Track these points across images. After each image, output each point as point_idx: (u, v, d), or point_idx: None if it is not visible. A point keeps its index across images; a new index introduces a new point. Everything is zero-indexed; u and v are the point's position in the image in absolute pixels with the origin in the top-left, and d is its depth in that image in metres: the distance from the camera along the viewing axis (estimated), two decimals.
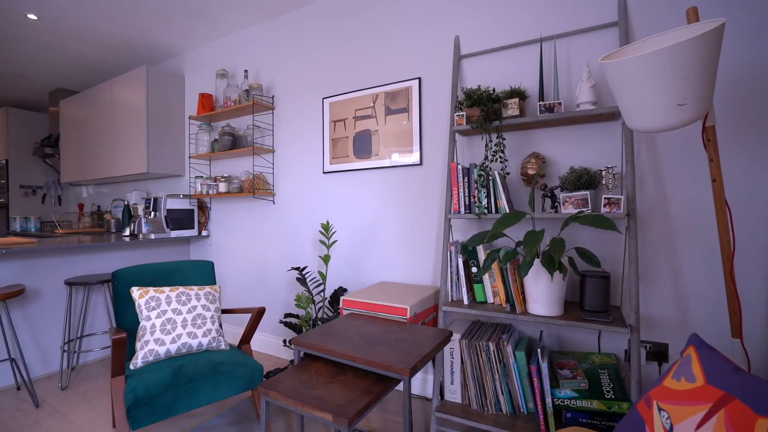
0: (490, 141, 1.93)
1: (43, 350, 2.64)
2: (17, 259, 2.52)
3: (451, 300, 1.94)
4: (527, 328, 1.97)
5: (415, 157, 2.30)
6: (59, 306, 2.71)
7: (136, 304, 1.84)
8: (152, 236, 3.08)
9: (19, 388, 2.45)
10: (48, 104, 5.00)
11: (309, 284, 2.64)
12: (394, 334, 1.64)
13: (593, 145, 1.81)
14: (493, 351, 1.72)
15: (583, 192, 1.63)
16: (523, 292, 1.74)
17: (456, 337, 1.83)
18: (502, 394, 1.72)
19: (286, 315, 2.38)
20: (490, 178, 1.84)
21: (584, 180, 1.64)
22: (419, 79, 2.29)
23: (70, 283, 2.48)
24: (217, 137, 3.17)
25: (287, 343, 2.40)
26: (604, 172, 1.63)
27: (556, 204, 1.75)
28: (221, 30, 3.14)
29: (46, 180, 5.02)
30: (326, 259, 2.26)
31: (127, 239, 2.99)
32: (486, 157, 1.89)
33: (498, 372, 1.72)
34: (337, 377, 1.47)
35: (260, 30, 3.03)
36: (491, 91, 1.89)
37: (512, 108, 1.81)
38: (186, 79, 3.56)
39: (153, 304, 1.84)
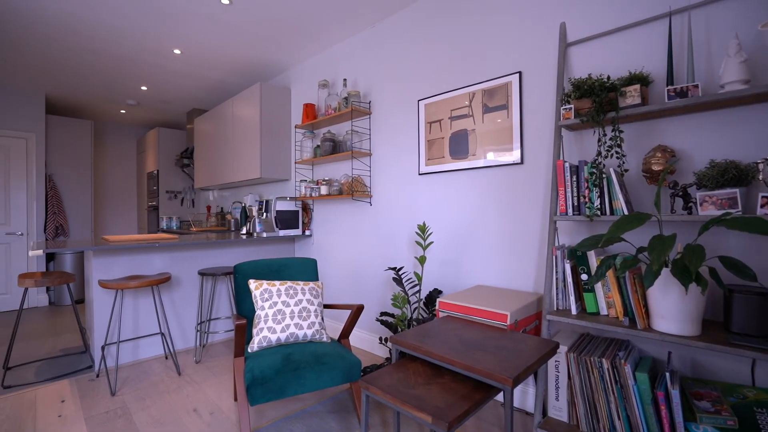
0: (604, 135, 1.73)
1: (183, 328, 3.13)
2: (165, 252, 3.03)
3: (557, 309, 1.79)
4: (650, 347, 1.72)
5: (515, 156, 2.18)
6: (194, 292, 3.19)
7: (253, 294, 2.07)
8: (264, 234, 3.45)
9: (167, 358, 2.95)
10: (186, 122, 5.94)
11: (405, 284, 2.68)
12: (494, 340, 1.57)
13: (742, 134, 1.50)
14: (608, 369, 1.54)
15: (729, 190, 1.36)
16: (645, 305, 1.52)
17: (562, 349, 1.69)
18: (619, 419, 1.52)
19: (382, 313, 2.45)
20: (604, 176, 1.66)
21: (731, 175, 1.37)
22: (519, 73, 2.16)
23: (202, 274, 2.90)
24: (319, 143, 3.41)
25: (383, 341, 2.47)
26: (761, 165, 1.34)
27: (690, 204, 1.49)
28: (323, 44, 3.37)
29: (184, 186, 5.97)
30: (422, 260, 2.27)
31: (244, 237, 3.39)
32: (599, 153, 1.70)
33: (613, 394, 1.53)
34: (435, 379, 1.46)
35: (357, 40, 3.18)
36: (605, 80, 1.70)
37: (632, 96, 1.60)
38: (292, 92, 3.91)
39: (266, 295, 2.05)
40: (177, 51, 3.51)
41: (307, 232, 3.62)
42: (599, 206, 1.67)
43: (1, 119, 4.46)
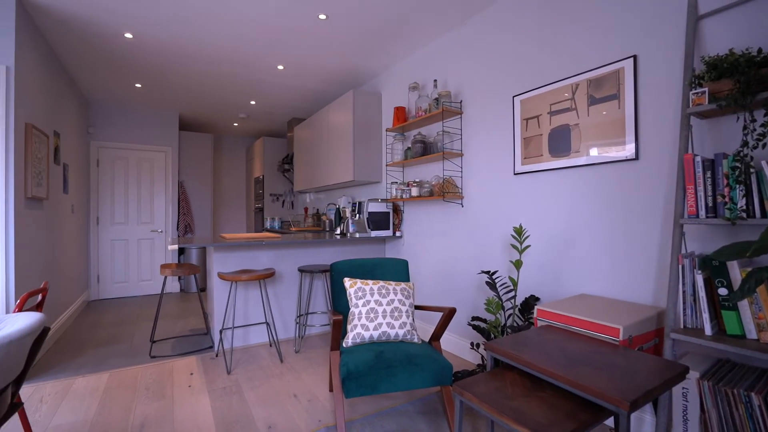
0: (752, 121, 1.44)
1: (284, 320, 3.42)
2: (270, 249, 3.34)
3: (683, 327, 1.54)
4: None
5: (628, 151, 1.94)
6: (293, 287, 3.46)
7: (347, 292, 2.17)
8: (357, 235, 3.60)
9: (270, 345, 3.25)
10: (286, 131, 6.50)
11: (499, 289, 2.57)
12: (603, 356, 1.41)
13: None
14: (759, 406, 1.27)
15: None
16: None
17: (693, 375, 1.44)
18: None
19: (473, 318, 2.38)
20: (752, 170, 1.38)
21: None
22: (634, 57, 1.92)
23: (301, 270, 3.13)
24: (409, 145, 3.45)
25: (474, 346, 2.39)
26: None
27: None
28: (412, 47, 3.41)
29: (285, 189, 6.54)
30: (518, 264, 2.15)
31: (338, 237, 3.58)
32: (744, 143, 1.42)
33: None
34: (534, 392, 1.36)
35: (446, 41, 3.14)
36: (754, 54, 1.41)
37: None
38: (383, 96, 4.02)
39: (360, 293, 2.13)
40: (280, 66, 3.86)
41: (398, 233, 3.69)
42: (744, 207, 1.39)
43: (147, 136, 5.39)
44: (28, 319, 1.08)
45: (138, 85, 4.41)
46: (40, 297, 1.77)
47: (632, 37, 1.94)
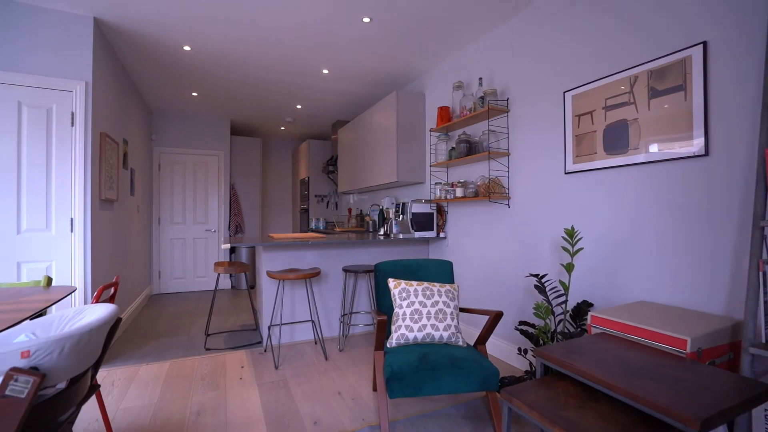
0: None
1: (329, 318, 3.50)
2: (315, 249, 3.43)
3: (766, 341, 1.39)
4: None
5: (695, 146, 1.79)
6: (338, 287, 3.53)
7: (391, 293, 2.18)
8: (400, 236, 3.60)
9: (315, 343, 3.34)
10: (330, 133, 6.65)
11: (548, 293, 2.46)
12: (668, 369, 1.30)
13: None
14: None
15: None
16: None
17: None
18: None
19: (521, 322, 2.30)
20: None
21: None
22: (704, 43, 1.76)
23: (345, 270, 3.19)
24: (453, 145, 3.40)
25: (522, 352, 2.31)
26: None
27: None
28: (456, 45, 3.36)
29: (329, 190, 6.69)
30: (569, 268, 2.05)
31: (381, 237, 3.60)
32: None
33: None
34: (589, 403, 1.29)
35: (493, 37, 3.06)
36: None
37: None
38: (426, 96, 4.00)
39: (404, 294, 2.13)
40: (325, 71, 3.96)
41: (442, 234, 3.65)
42: None
43: (202, 142, 5.74)
44: (105, 310, 1.19)
45: (194, 94, 4.71)
46: (112, 290, 1.94)
47: (700, 23, 1.79)
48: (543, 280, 2.56)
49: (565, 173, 2.44)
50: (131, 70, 3.91)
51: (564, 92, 2.45)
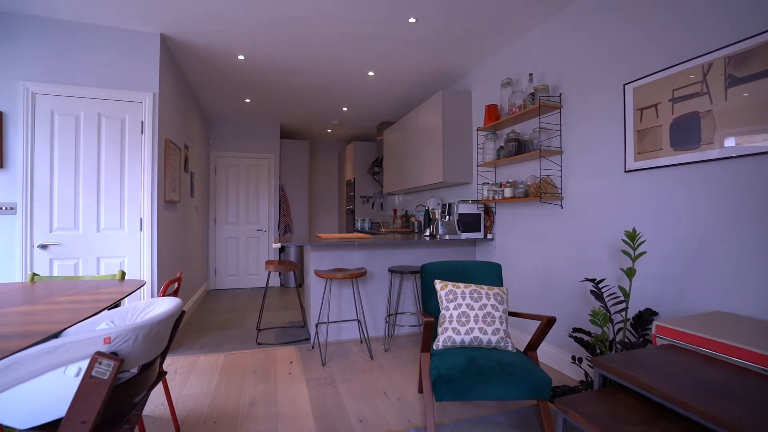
0: None
1: (374, 318, 3.53)
2: (362, 249, 3.48)
3: None
4: None
5: None
6: (384, 287, 3.55)
7: (438, 294, 2.15)
8: (446, 237, 3.56)
9: (361, 342, 3.38)
10: (376, 134, 6.71)
11: (606, 300, 2.32)
12: (752, 390, 1.17)
13: None
14: None
15: None
16: None
17: None
18: None
19: (575, 329, 2.18)
20: None
21: None
22: None
23: (391, 271, 3.20)
24: (502, 144, 3.30)
25: (576, 360, 2.19)
26: None
27: None
28: (504, 41, 3.25)
29: (374, 191, 6.76)
30: (630, 273, 1.91)
31: (427, 238, 3.57)
32: None
33: None
34: (657, 421, 1.19)
35: (543, 30, 2.93)
36: None
37: None
38: (473, 95, 3.92)
39: (451, 296, 2.10)
40: (371, 73, 4.00)
41: (489, 236, 3.55)
42: None
43: (254, 145, 6.03)
44: (171, 303, 1.28)
45: (247, 100, 4.96)
46: (176, 285, 2.09)
47: None
48: (600, 286, 2.41)
49: (625, 171, 2.28)
50: (191, 79, 4.19)
51: (624, 85, 2.29)
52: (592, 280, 2.05)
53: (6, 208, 2.74)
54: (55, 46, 2.86)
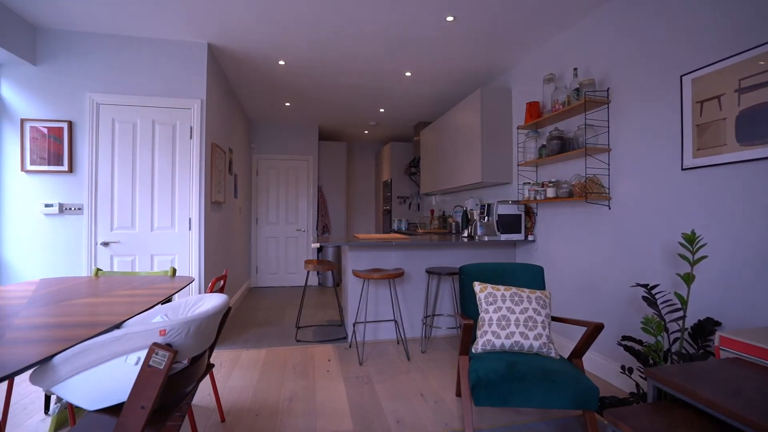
0: None
1: (411, 319, 3.52)
2: (399, 250, 3.48)
3: None
4: None
5: None
6: (421, 288, 3.53)
7: (477, 297, 2.11)
8: (485, 238, 3.48)
9: (398, 343, 3.38)
10: (413, 135, 6.70)
11: (660, 307, 2.17)
12: None
13: None
14: None
15: None
16: None
17: None
18: None
19: (624, 337, 2.05)
20: None
21: None
22: None
23: (429, 272, 3.17)
24: (544, 143, 3.18)
25: (626, 371, 2.07)
26: None
27: None
28: (545, 36, 3.13)
29: (411, 192, 6.74)
30: (688, 279, 1.77)
31: (465, 239, 3.51)
32: None
33: None
34: None
35: (588, 22, 2.79)
36: None
37: None
38: (513, 92, 3.81)
39: (491, 299, 2.05)
40: (408, 73, 3.99)
41: (530, 237, 3.44)
42: None
43: (293, 147, 6.21)
44: (219, 299, 1.35)
45: (287, 104, 5.11)
46: (222, 282, 2.19)
47: None
48: (653, 292, 2.26)
49: (682, 169, 2.12)
50: (235, 85, 4.38)
51: (681, 76, 2.13)
52: (645, 286, 1.93)
53: (75, 209, 3.01)
54: (115, 59, 3.10)
